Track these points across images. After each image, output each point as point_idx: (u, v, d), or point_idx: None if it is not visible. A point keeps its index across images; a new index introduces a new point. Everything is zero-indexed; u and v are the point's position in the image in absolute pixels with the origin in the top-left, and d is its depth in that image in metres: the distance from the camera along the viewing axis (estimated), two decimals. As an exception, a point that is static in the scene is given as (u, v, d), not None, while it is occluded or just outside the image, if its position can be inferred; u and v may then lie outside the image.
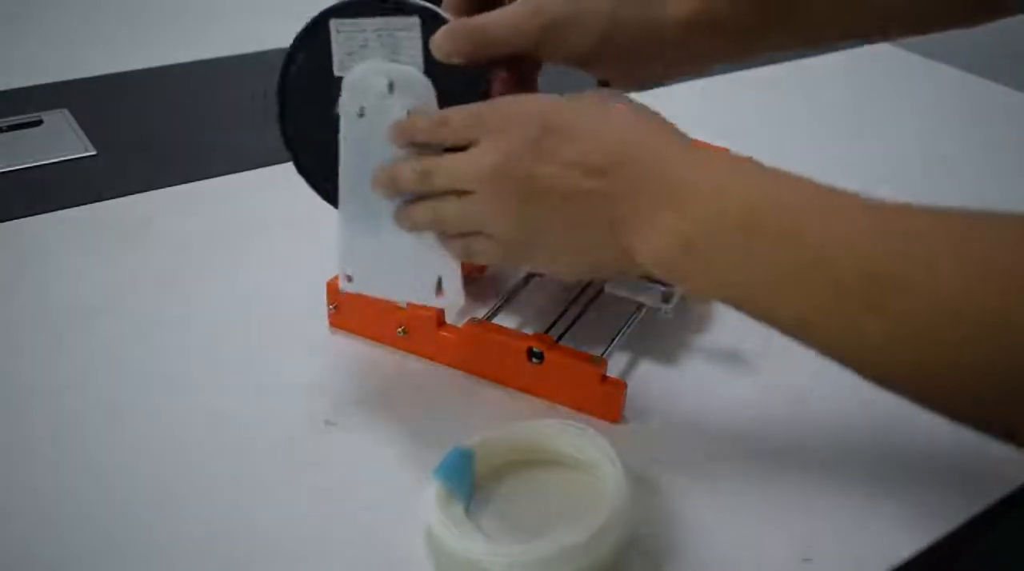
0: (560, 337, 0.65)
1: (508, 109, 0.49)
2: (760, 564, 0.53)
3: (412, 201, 0.53)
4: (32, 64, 1.05)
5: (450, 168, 0.50)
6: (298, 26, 0.55)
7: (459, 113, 0.50)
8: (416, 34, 0.50)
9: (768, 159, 0.55)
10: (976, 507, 0.57)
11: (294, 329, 0.69)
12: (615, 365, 0.66)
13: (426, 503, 0.53)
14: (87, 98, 0.99)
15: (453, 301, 0.57)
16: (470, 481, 0.56)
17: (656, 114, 0.49)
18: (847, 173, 0.91)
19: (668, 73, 0.56)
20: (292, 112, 0.57)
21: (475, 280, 0.71)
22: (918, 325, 0.39)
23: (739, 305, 0.46)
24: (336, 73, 0.54)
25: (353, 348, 0.67)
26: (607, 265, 0.50)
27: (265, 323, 0.69)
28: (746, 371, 0.66)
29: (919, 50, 1.11)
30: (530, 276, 0.71)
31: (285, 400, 0.63)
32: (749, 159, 0.46)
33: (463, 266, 0.57)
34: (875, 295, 0.39)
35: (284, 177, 0.66)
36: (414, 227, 0.54)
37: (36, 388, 0.63)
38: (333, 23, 0.52)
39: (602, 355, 0.62)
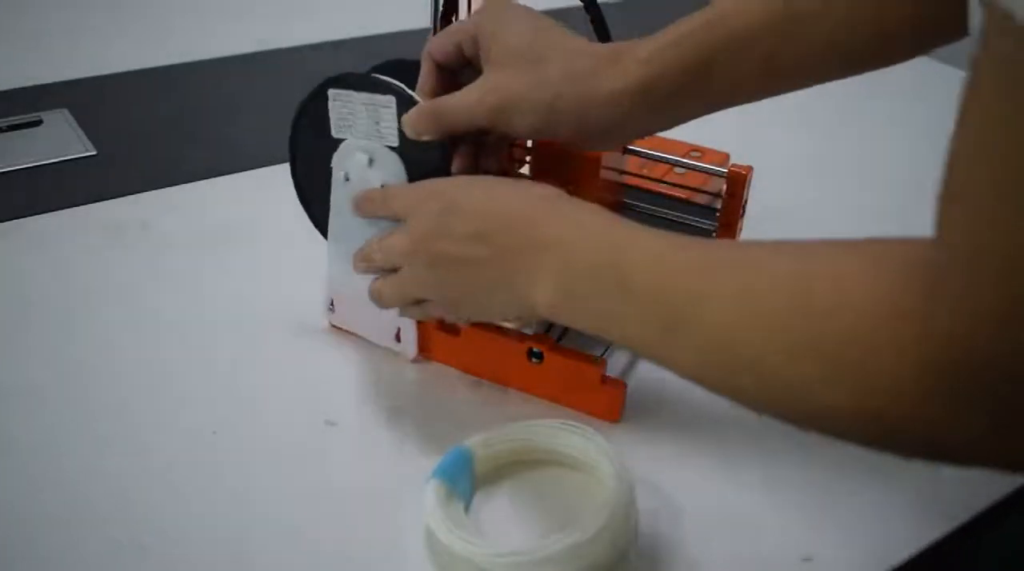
0: (560, 337, 0.65)
1: (422, 193, 0.58)
2: (760, 564, 0.53)
3: (377, 281, 0.61)
4: (32, 64, 1.05)
5: (382, 249, 0.58)
6: (297, 27, 0.56)
7: (396, 195, 0.59)
8: (393, 111, 0.59)
9: (767, 160, 0.55)
10: (976, 507, 0.57)
11: (294, 329, 0.69)
12: (615, 365, 0.66)
13: (426, 503, 0.53)
14: (87, 98, 0.99)
15: (407, 350, 0.65)
16: (470, 481, 0.56)
17: (539, 186, 0.56)
18: (844, 171, 0.91)
19: (614, 139, 0.61)
20: (300, 156, 0.65)
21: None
22: (700, 352, 0.46)
23: (608, 338, 0.52)
24: (332, 134, 0.62)
25: (353, 348, 0.67)
26: (525, 313, 0.55)
27: (265, 323, 0.69)
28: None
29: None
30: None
31: (285, 400, 0.63)
32: (606, 212, 0.53)
33: None
34: (674, 328, 0.47)
35: (284, 177, 0.66)
36: (381, 305, 0.61)
37: (35, 387, 0.63)
38: (330, 92, 0.60)
39: (602, 355, 0.62)
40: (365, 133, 0.61)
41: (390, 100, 0.59)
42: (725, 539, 0.54)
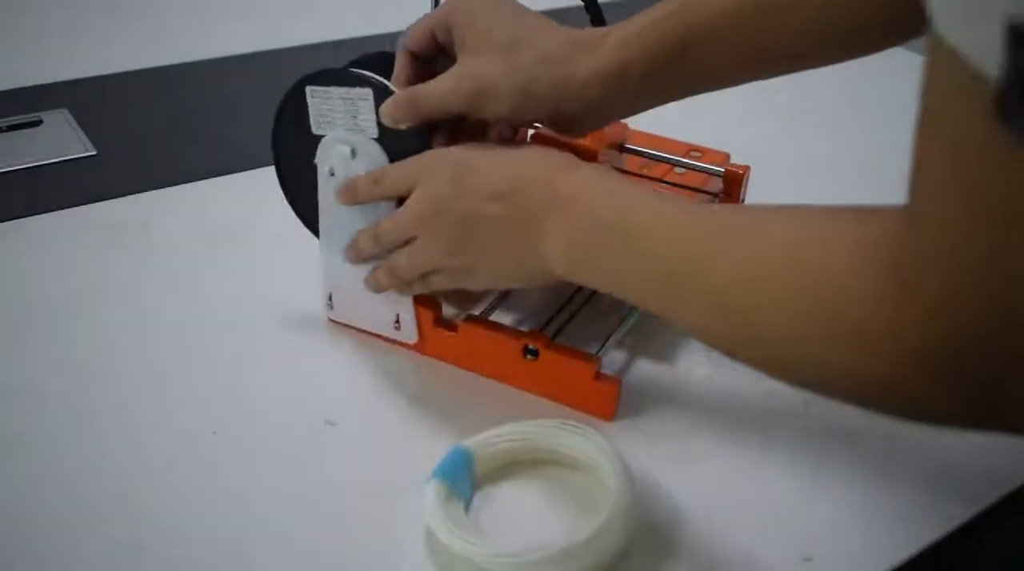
0: (556, 334, 0.65)
1: (429, 160, 0.58)
2: (760, 564, 0.53)
3: (377, 268, 0.62)
4: (32, 64, 1.05)
5: (393, 223, 0.59)
6: (297, 27, 0.56)
7: (391, 171, 0.59)
8: (370, 102, 0.59)
9: (768, 159, 0.54)
10: (976, 507, 0.57)
11: (294, 329, 0.69)
12: (610, 363, 0.66)
13: (426, 503, 0.53)
14: (87, 98, 0.99)
15: (408, 336, 0.66)
16: (470, 481, 0.56)
17: (548, 150, 0.57)
18: (845, 171, 0.91)
19: (591, 121, 0.61)
20: (283, 155, 0.66)
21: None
22: (703, 312, 0.48)
23: (618, 295, 0.53)
24: (313, 131, 0.62)
25: (353, 347, 0.67)
26: (537, 275, 0.56)
27: (265, 323, 0.69)
28: (742, 369, 0.66)
29: (917, 48, 1.11)
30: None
31: (285, 400, 0.63)
32: (618, 175, 0.55)
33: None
34: (680, 287, 0.48)
35: (284, 177, 0.66)
36: (379, 289, 0.63)
37: (35, 387, 0.63)
38: (308, 89, 0.61)
39: (597, 352, 0.62)
40: (345, 127, 0.61)
41: (366, 92, 0.59)
42: (725, 539, 0.54)
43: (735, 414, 0.63)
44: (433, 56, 0.61)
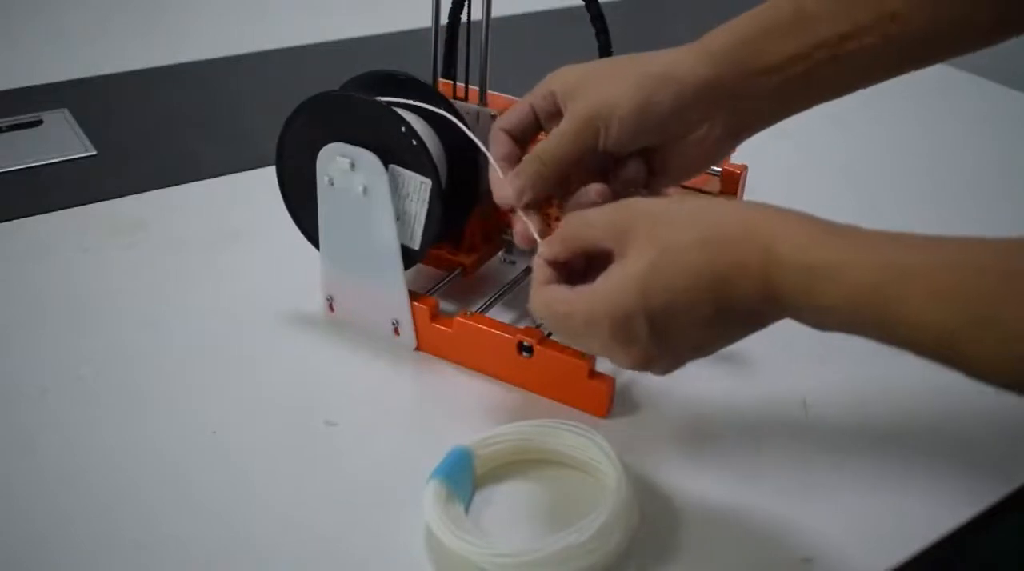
0: (551, 332, 0.65)
1: (594, 319, 0.50)
2: (760, 564, 0.53)
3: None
4: (32, 64, 1.05)
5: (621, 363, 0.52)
6: (298, 26, 0.56)
7: (582, 333, 0.52)
8: (427, 188, 0.62)
9: (763, 157, 0.54)
10: (976, 507, 0.57)
11: (294, 329, 0.69)
12: (605, 361, 0.66)
13: (426, 503, 0.53)
14: (87, 98, 0.99)
15: (407, 343, 0.66)
16: (470, 481, 0.56)
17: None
18: (842, 171, 0.91)
19: (698, 137, 0.58)
20: (286, 168, 0.67)
21: (470, 275, 0.71)
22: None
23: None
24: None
25: (352, 348, 0.67)
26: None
27: (265, 323, 0.69)
28: (738, 368, 0.66)
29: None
30: (528, 270, 0.72)
31: (285, 400, 0.63)
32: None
33: (455, 259, 0.70)
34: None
35: (284, 177, 0.66)
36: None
37: (34, 387, 0.63)
38: (391, 168, 0.62)
39: (591, 350, 0.62)
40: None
41: (427, 182, 0.61)
42: (725, 539, 0.54)
43: (732, 413, 0.63)
44: (530, 135, 0.60)
